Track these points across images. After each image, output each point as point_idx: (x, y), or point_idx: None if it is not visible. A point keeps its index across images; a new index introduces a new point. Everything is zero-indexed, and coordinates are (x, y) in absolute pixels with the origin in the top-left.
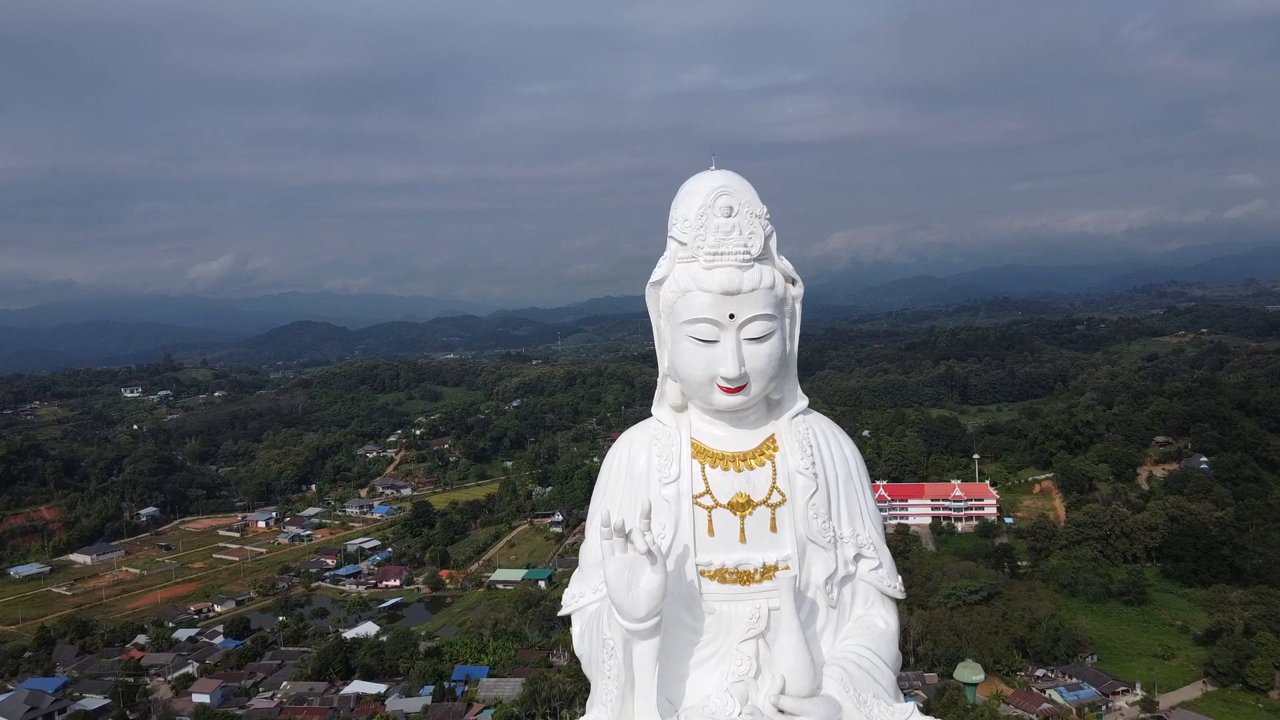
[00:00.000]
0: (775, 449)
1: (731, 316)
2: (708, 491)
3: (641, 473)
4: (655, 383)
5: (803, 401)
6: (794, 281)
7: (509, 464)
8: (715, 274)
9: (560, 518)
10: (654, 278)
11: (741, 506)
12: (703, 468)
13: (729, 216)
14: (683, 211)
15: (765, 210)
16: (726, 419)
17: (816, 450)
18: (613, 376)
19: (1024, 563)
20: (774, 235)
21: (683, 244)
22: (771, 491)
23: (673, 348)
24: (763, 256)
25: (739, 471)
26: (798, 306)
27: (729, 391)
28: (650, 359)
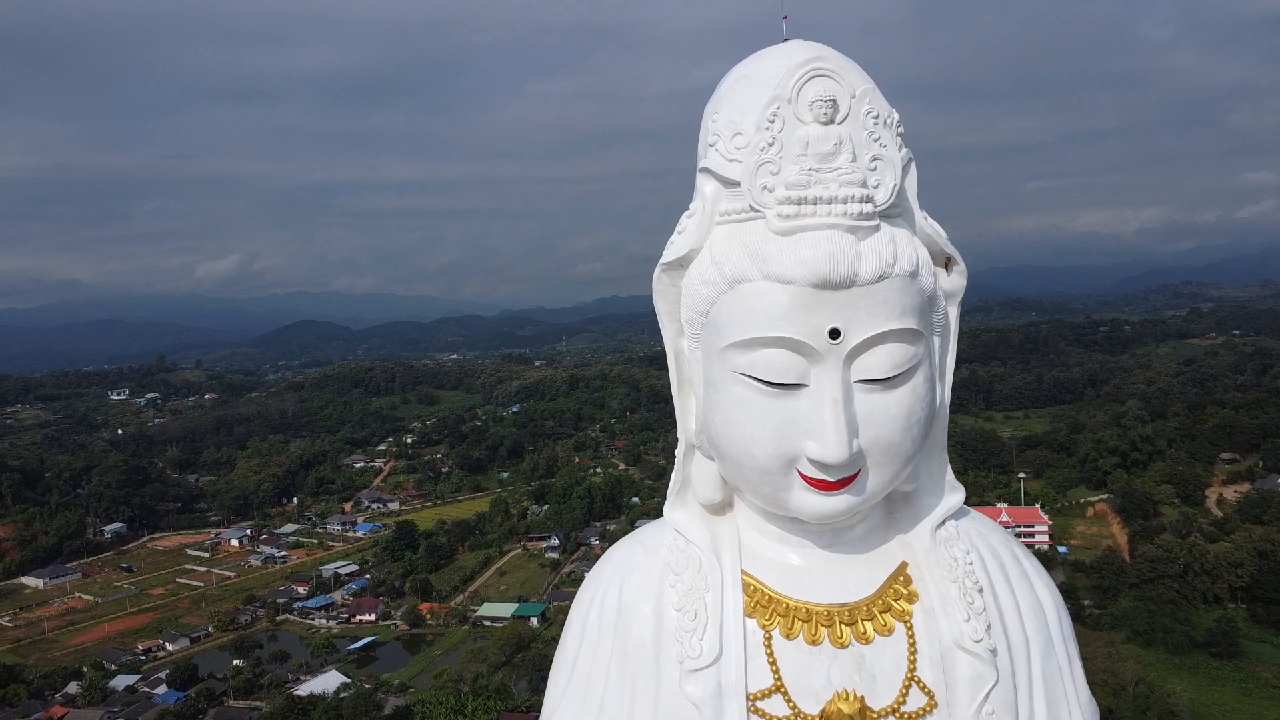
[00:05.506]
0: (910, 595)
1: (835, 335)
2: (780, 688)
3: (646, 643)
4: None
5: (956, 496)
6: (948, 263)
7: (505, 474)
8: (803, 243)
9: (556, 541)
10: (669, 255)
11: None
12: (767, 637)
13: (830, 123)
14: (732, 114)
15: (898, 116)
16: (811, 535)
17: (991, 596)
18: (617, 380)
19: (1088, 602)
20: (913, 165)
21: (731, 182)
22: (908, 687)
23: (708, 395)
24: (893, 210)
25: (840, 646)
26: (953, 314)
27: (825, 488)
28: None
